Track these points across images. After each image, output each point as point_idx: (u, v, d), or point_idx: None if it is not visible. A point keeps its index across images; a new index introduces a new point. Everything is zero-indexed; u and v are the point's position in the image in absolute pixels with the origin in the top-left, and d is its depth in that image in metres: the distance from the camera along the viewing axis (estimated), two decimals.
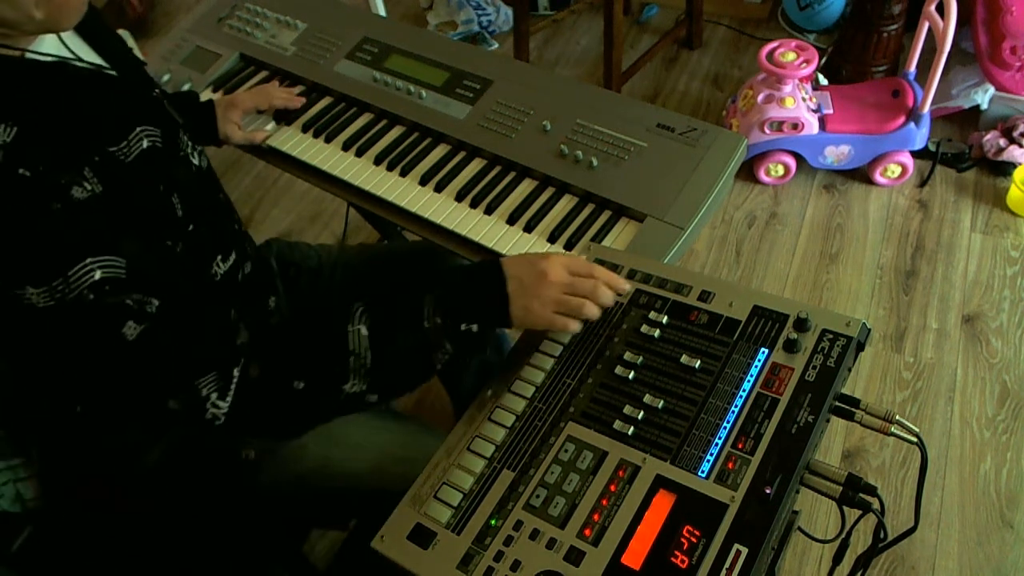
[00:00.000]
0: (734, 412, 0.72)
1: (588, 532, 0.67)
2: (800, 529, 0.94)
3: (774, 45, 1.89)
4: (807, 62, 1.85)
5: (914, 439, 0.70)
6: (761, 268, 1.90)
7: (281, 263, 1.15)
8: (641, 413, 0.74)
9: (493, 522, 0.70)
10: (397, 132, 1.19)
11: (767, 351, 0.76)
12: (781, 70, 1.85)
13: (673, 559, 0.63)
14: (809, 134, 1.92)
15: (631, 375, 0.77)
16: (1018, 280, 1.79)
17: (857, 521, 0.72)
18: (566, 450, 0.73)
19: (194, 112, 1.16)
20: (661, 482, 0.69)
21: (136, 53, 0.93)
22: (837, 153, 1.97)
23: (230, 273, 0.88)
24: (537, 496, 0.70)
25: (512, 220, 1.04)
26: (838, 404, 0.73)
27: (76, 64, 0.73)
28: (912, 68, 1.91)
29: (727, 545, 0.63)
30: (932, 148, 2.02)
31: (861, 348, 0.75)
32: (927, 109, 1.85)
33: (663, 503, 0.67)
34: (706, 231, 1.98)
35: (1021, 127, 1.96)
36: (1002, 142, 1.97)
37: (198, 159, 0.85)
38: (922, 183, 2.01)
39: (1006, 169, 1.97)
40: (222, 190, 0.92)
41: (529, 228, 1.03)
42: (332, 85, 1.25)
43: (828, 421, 0.72)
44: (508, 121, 1.12)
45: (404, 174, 1.12)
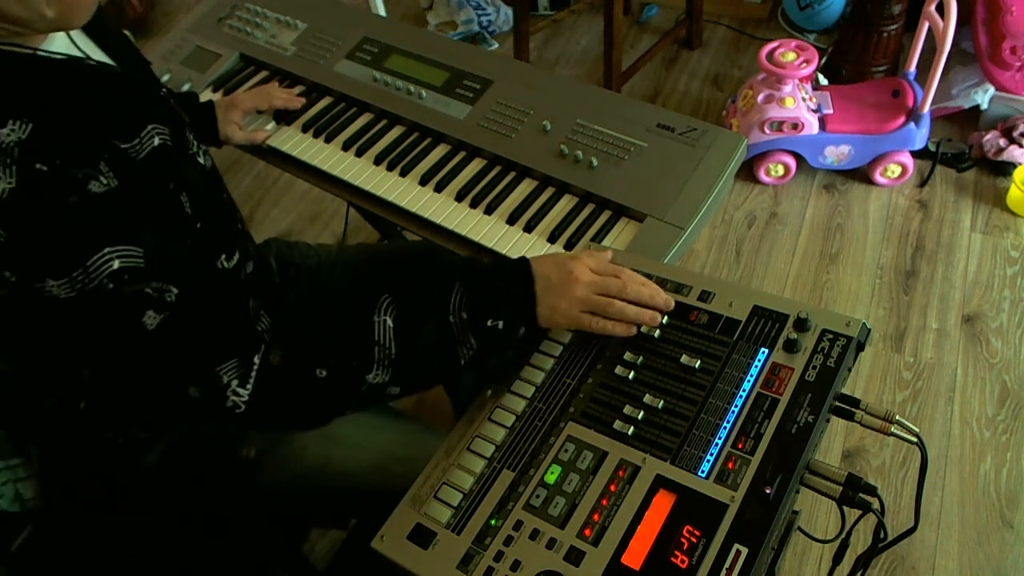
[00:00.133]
0: (734, 412, 0.72)
1: (588, 532, 0.67)
2: (800, 529, 0.94)
3: (774, 45, 1.89)
4: (807, 62, 1.85)
5: (914, 439, 0.70)
6: (761, 268, 1.90)
7: (280, 263, 1.15)
8: (641, 413, 0.74)
9: (493, 522, 0.70)
10: (397, 132, 1.19)
11: (767, 351, 0.76)
12: (781, 70, 1.85)
13: (673, 559, 0.63)
14: (809, 134, 1.92)
15: (631, 375, 0.77)
16: (1018, 280, 1.79)
17: (857, 521, 0.72)
18: (566, 450, 0.73)
19: (194, 113, 1.16)
20: (661, 482, 0.69)
21: None
22: (837, 153, 1.97)
23: (234, 272, 0.88)
24: (537, 496, 0.70)
25: (512, 220, 1.04)
26: (838, 404, 0.73)
27: (88, 62, 0.73)
28: (912, 68, 1.91)
29: (727, 545, 0.63)
30: (932, 148, 2.02)
31: (861, 348, 0.75)
32: (927, 109, 1.85)
33: (663, 503, 0.67)
34: (706, 231, 1.98)
35: (1021, 127, 1.96)
36: (1002, 142, 1.97)
37: (204, 158, 0.85)
38: (922, 183, 2.01)
39: (1006, 169, 1.97)
40: (226, 190, 0.93)
41: (529, 228, 1.03)
42: (332, 85, 1.25)
43: (828, 421, 0.72)
44: (508, 121, 1.12)
45: (404, 174, 1.12)
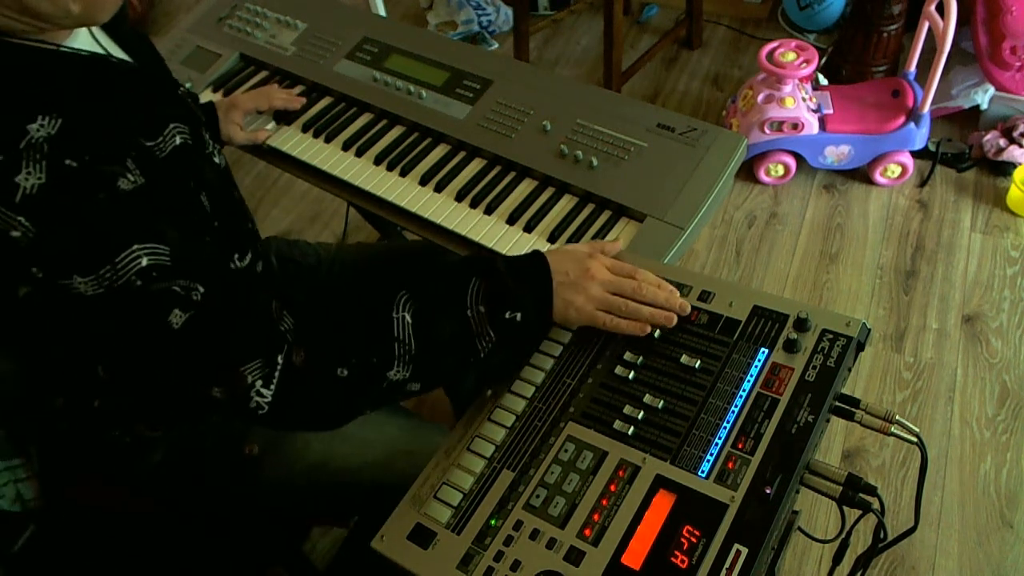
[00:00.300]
0: (734, 412, 0.72)
1: (588, 532, 0.67)
2: (800, 529, 0.94)
3: (774, 45, 1.89)
4: (807, 62, 1.85)
5: (914, 439, 0.70)
6: (761, 268, 1.90)
7: (280, 260, 1.15)
8: (641, 413, 0.74)
9: (493, 522, 0.70)
10: (397, 132, 1.19)
11: (767, 351, 0.76)
12: (781, 70, 1.84)
13: (673, 559, 0.63)
14: (809, 134, 1.92)
15: (631, 375, 0.77)
16: (1018, 280, 1.79)
17: (857, 521, 0.72)
18: (566, 450, 0.73)
19: None
20: (661, 482, 0.69)
21: None
22: (837, 153, 1.97)
23: (249, 271, 0.88)
24: (537, 496, 0.70)
25: (512, 220, 1.04)
26: (838, 404, 0.73)
27: (111, 59, 0.73)
28: (912, 68, 1.91)
29: (727, 545, 0.63)
30: (932, 148, 2.02)
31: (861, 348, 0.75)
32: (927, 109, 1.85)
33: (663, 503, 0.67)
34: (706, 231, 1.98)
35: (1021, 127, 1.96)
36: (1002, 142, 1.97)
37: (219, 157, 0.86)
38: (922, 183, 2.01)
39: (1006, 169, 1.97)
40: (237, 189, 0.93)
41: (529, 228, 1.03)
42: (332, 85, 1.25)
43: (828, 421, 0.72)
44: (508, 121, 1.12)
45: (404, 174, 1.12)
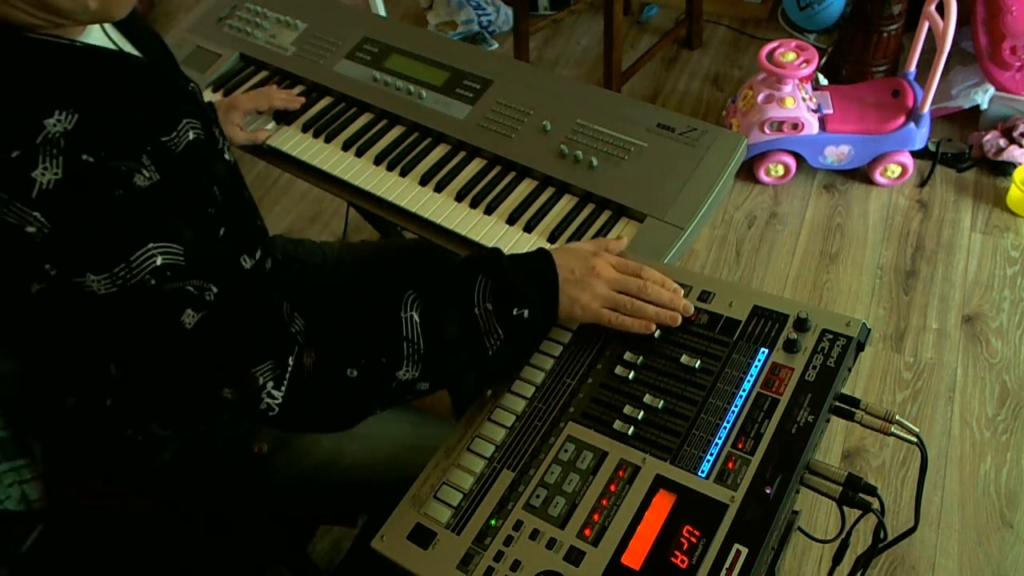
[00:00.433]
0: (734, 412, 0.72)
1: (588, 532, 0.67)
2: (800, 529, 0.94)
3: (774, 45, 1.89)
4: (807, 62, 1.85)
5: (914, 439, 0.70)
6: (761, 268, 1.90)
7: (286, 259, 1.15)
8: (641, 413, 0.74)
9: (493, 522, 0.70)
10: (397, 132, 1.19)
11: (767, 351, 0.76)
12: (781, 70, 1.85)
13: (673, 559, 0.63)
14: (809, 134, 1.92)
15: (631, 375, 0.77)
16: (1018, 280, 1.79)
17: (857, 521, 0.72)
18: (566, 450, 0.73)
19: None
20: (661, 482, 0.69)
21: None
22: (837, 153, 1.97)
23: (258, 270, 0.88)
24: (537, 496, 0.70)
25: (512, 220, 1.04)
26: (838, 404, 0.73)
27: (125, 54, 0.73)
28: (912, 68, 1.91)
29: (727, 545, 0.63)
30: (932, 148, 2.02)
31: (861, 348, 0.75)
32: (927, 109, 1.85)
33: (663, 503, 0.67)
34: (706, 231, 1.98)
35: (1021, 127, 1.96)
36: (1002, 142, 1.97)
37: (229, 154, 0.86)
38: (922, 183, 2.01)
39: (1006, 169, 1.97)
40: (246, 186, 0.93)
41: (529, 228, 1.03)
42: (332, 85, 1.25)
43: (828, 421, 0.72)
44: (508, 121, 1.12)
45: (404, 174, 1.12)
